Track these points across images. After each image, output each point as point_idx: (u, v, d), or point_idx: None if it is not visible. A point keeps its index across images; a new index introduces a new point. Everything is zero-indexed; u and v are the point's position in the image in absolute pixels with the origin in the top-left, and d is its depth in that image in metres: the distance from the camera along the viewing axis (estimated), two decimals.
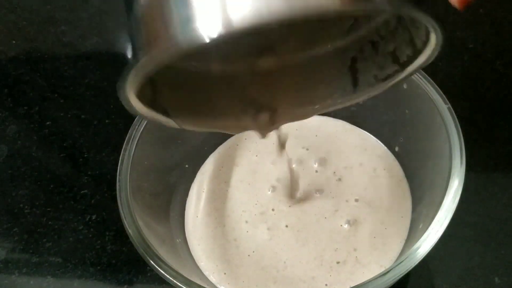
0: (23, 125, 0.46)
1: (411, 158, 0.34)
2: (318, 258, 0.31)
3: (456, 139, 0.27)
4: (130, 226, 0.27)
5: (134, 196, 0.29)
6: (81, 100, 0.47)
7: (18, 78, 0.51)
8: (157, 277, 0.35)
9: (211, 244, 0.33)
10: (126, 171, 0.29)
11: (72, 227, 0.38)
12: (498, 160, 0.38)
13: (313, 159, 0.36)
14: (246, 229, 0.33)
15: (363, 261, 0.31)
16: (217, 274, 0.32)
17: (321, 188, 0.34)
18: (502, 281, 0.32)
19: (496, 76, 0.43)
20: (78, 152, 0.43)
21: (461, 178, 0.26)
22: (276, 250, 0.32)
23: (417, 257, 0.24)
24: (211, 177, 0.37)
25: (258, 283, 0.31)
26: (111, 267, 0.36)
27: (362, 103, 0.36)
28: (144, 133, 0.31)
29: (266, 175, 0.36)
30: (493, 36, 0.47)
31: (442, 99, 0.29)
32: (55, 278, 0.36)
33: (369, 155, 0.35)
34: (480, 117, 0.41)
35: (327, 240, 0.32)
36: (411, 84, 0.31)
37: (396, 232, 0.31)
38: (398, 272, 0.23)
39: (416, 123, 0.32)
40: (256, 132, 0.27)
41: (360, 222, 0.32)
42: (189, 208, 0.35)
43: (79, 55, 0.52)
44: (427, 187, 0.30)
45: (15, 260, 0.37)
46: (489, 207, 0.35)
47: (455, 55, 0.45)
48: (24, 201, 0.41)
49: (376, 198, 0.33)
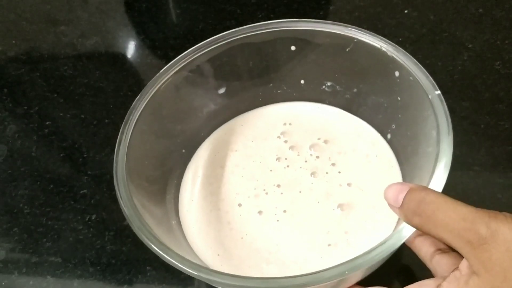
0: (23, 125, 0.46)
1: (402, 144, 0.34)
2: (310, 240, 0.32)
3: (444, 125, 0.27)
4: (126, 206, 0.27)
5: (130, 177, 0.29)
6: (81, 100, 0.47)
7: (18, 78, 0.51)
8: (157, 276, 0.35)
9: (205, 226, 0.33)
10: (123, 153, 0.30)
11: (71, 227, 0.38)
12: (498, 160, 0.38)
13: (308, 144, 0.37)
14: (240, 213, 0.34)
15: (354, 244, 0.31)
16: (211, 256, 0.32)
17: (315, 172, 0.35)
18: None
19: (495, 75, 0.43)
20: (77, 152, 0.43)
21: (447, 162, 0.26)
22: (269, 232, 0.32)
23: (401, 236, 0.24)
24: (207, 162, 0.37)
25: (251, 264, 0.31)
26: (111, 267, 0.36)
27: (356, 91, 0.36)
28: (141, 116, 0.32)
29: (261, 160, 0.36)
30: (492, 36, 0.47)
31: (432, 86, 0.29)
32: (54, 278, 0.36)
33: (362, 141, 0.36)
34: (480, 117, 0.41)
35: (319, 223, 0.32)
36: (402, 71, 0.31)
37: (386, 216, 0.32)
38: (381, 250, 0.24)
39: (407, 110, 0.33)
40: None
41: (352, 206, 0.33)
42: (184, 192, 0.36)
43: (79, 55, 0.52)
44: (417, 172, 0.30)
45: (15, 260, 0.37)
46: (489, 207, 0.35)
47: (455, 54, 0.46)
48: (23, 201, 0.41)
49: (368, 183, 0.34)
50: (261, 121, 0.39)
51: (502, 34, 0.47)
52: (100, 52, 0.52)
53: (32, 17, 0.57)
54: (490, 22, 0.48)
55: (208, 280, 0.25)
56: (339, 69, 0.36)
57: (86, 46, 0.53)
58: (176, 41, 0.52)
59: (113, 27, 0.55)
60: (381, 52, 0.32)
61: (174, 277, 0.35)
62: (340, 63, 0.36)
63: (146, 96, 0.33)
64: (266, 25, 0.35)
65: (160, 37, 0.53)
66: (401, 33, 0.48)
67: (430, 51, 0.46)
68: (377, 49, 0.32)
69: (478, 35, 0.47)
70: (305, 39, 0.35)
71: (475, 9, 0.50)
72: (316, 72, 0.38)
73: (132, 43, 0.53)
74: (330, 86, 0.38)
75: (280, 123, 0.38)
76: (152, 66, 0.50)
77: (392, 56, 0.32)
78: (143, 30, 0.54)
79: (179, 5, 0.57)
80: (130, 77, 0.49)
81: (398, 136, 0.35)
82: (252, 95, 0.39)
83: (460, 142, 0.39)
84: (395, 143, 0.35)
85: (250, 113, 0.40)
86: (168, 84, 0.34)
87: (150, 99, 0.33)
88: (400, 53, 0.31)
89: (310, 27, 0.35)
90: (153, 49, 0.52)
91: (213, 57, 0.36)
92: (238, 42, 0.35)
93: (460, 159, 0.38)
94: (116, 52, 0.52)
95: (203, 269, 0.25)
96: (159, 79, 0.33)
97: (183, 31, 0.54)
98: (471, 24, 0.48)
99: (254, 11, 0.53)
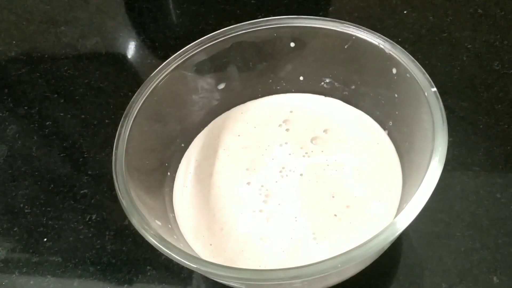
0: (23, 125, 0.46)
1: (399, 140, 0.34)
2: (306, 227, 0.31)
3: (440, 122, 0.27)
4: (124, 197, 0.28)
5: (129, 170, 0.29)
6: (81, 100, 0.47)
7: (18, 78, 0.51)
8: (157, 276, 0.35)
9: (198, 216, 0.33)
10: (123, 146, 0.30)
11: (72, 226, 0.38)
12: (497, 160, 0.38)
13: (309, 133, 0.36)
14: (232, 201, 0.33)
15: (351, 232, 0.31)
16: (202, 247, 0.32)
17: (314, 161, 0.35)
18: (501, 281, 0.32)
19: (495, 76, 0.44)
20: (78, 152, 0.43)
21: (441, 159, 0.26)
22: (262, 221, 0.32)
23: (396, 228, 0.24)
24: (202, 149, 0.37)
25: (245, 255, 0.31)
26: (111, 267, 0.36)
27: (354, 88, 0.37)
28: (141, 110, 0.32)
29: (259, 147, 0.36)
30: (492, 36, 0.47)
31: (429, 83, 0.29)
32: (55, 277, 0.36)
33: (362, 130, 0.36)
34: (479, 117, 0.41)
35: (316, 210, 0.32)
36: (400, 68, 0.31)
37: (386, 205, 0.32)
38: (373, 244, 0.24)
39: (404, 107, 0.33)
40: None
41: (351, 193, 0.33)
42: (177, 184, 0.36)
43: (79, 55, 0.52)
44: (414, 168, 0.30)
45: (15, 260, 0.37)
46: (488, 207, 0.35)
47: (454, 55, 0.46)
48: (24, 201, 0.41)
49: (368, 170, 0.34)
50: (261, 110, 0.39)
51: (501, 35, 0.47)
52: (100, 53, 0.52)
53: (32, 17, 0.57)
54: (489, 22, 0.48)
55: (204, 272, 0.25)
56: (338, 65, 0.37)
57: (87, 46, 0.53)
58: (176, 42, 0.52)
59: (114, 28, 0.55)
60: (379, 49, 0.32)
61: (174, 276, 0.35)
62: (339, 60, 0.36)
63: (146, 90, 0.33)
64: (265, 21, 0.35)
65: (160, 38, 0.53)
66: (400, 34, 0.48)
67: (429, 52, 0.46)
68: (375, 46, 0.33)
69: (477, 35, 0.47)
70: (305, 35, 0.36)
71: (474, 10, 0.50)
72: (315, 69, 0.38)
73: (132, 43, 0.53)
74: (329, 82, 0.38)
75: (282, 111, 0.38)
76: (153, 67, 0.49)
77: (390, 54, 0.32)
78: (143, 31, 0.54)
79: (179, 5, 0.57)
80: (130, 78, 0.50)
81: (395, 132, 0.35)
82: (252, 91, 0.39)
83: (459, 142, 0.39)
84: (392, 140, 0.35)
85: (251, 103, 0.40)
86: (167, 79, 0.34)
87: (149, 93, 0.33)
88: (398, 51, 0.32)
89: (309, 24, 0.35)
90: (154, 50, 0.52)
91: (212, 53, 0.36)
92: (238, 39, 0.36)
93: (459, 159, 0.38)
94: (116, 52, 0.52)
95: (200, 261, 0.25)
96: (159, 74, 0.34)
97: (184, 31, 0.54)
98: (470, 25, 0.48)
99: (254, 11, 0.53)
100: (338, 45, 0.35)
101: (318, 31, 0.35)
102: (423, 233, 0.34)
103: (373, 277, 0.33)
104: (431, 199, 0.30)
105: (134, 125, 0.31)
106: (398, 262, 0.34)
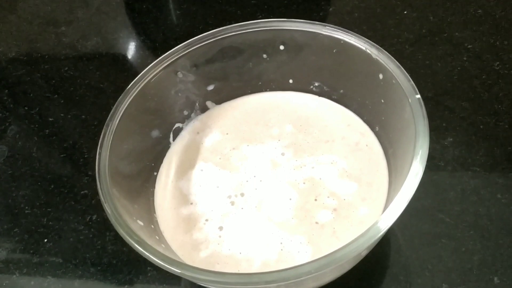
0: (24, 126, 0.46)
1: (385, 146, 0.35)
2: (295, 227, 0.31)
3: (422, 129, 0.27)
4: (107, 201, 0.28)
5: (112, 174, 0.30)
6: (82, 100, 0.47)
7: (18, 78, 0.51)
8: (158, 277, 0.35)
9: (178, 217, 0.33)
10: (107, 147, 0.30)
11: (72, 227, 0.38)
12: (497, 160, 0.38)
13: (297, 130, 0.37)
14: (214, 203, 0.33)
15: (339, 233, 0.31)
16: (182, 246, 0.31)
17: (303, 159, 0.35)
18: (502, 281, 0.32)
19: (495, 76, 0.44)
20: (78, 152, 0.43)
21: (422, 164, 0.26)
22: (245, 222, 0.32)
23: (378, 229, 0.24)
24: (183, 149, 0.37)
25: (228, 259, 0.31)
26: (112, 267, 0.36)
27: (343, 92, 0.37)
28: (127, 109, 0.32)
29: (246, 148, 0.36)
30: (492, 37, 0.47)
31: (413, 90, 0.29)
32: (55, 278, 0.36)
33: (352, 131, 0.36)
34: (479, 117, 0.41)
35: (305, 209, 0.32)
36: (386, 74, 0.31)
37: (373, 205, 0.32)
38: (355, 246, 0.24)
39: (389, 112, 0.33)
40: None
41: (340, 194, 0.32)
42: (158, 184, 0.35)
43: (79, 55, 0.52)
44: (398, 173, 0.31)
45: (16, 261, 0.37)
46: (488, 207, 0.35)
47: (454, 55, 0.46)
48: (24, 202, 0.41)
49: (357, 171, 0.34)
50: (249, 107, 0.39)
51: (501, 35, 0.47)
52: (100, 53, 0.52)
53: (33, 18, 0.58)
54: (490, 22, 0.48)
55: (187, 276, 0.25)
56: (326, 70, 0.37)
57: (87, 47, 0.53)
58: (176, 42, 0.51)
59: (114, 28, 0.55)
60: (366, 54, 0.32)
61: (174, 277, 0.35)
62: (328, 64, 0.36)
63: (134, 90, 0.33)
64: (255, 24, 0.35)
65: (160, 38, 0.53)
66: (401, 34, 0.48)
67: (429, 52, 0.46)
68: (362, 51, 0.33)
69: (478, 35, 0.47)
70: (294, 39, 0.36)
71: (474, 10, 0.50)
72: (304, 72, 0.38)
73: (132, 44, 0.53)
74: (318, 86, 0.38)
75: (268, 109, 0.38)
76: None
77: (377, 59, 0.32)
78: (143, 31, 0.54)
79: (179, 6, 0.57)
80: (130, 78, 0.49)
81: (381, 138, 0.35)
82: (241, 92, 0.39)
83: (460, 143, 0.39)
84: (381, 141, 0.35)
85: (240, 99, 0.40)
86: (156, 78, 0.34)
87: (137, 93, 0.33)
88: (384, 56, 0.32)
89: (299, 28, 0.35)
90: (154, 50, 0.52)
91: (202, 54, 0.36)
92: (228, 41, 0.36)
93: (460, 159, 0.38)
94: (116, 53, 0.52)
95: (174, 263, 0.25)
96: (147, 74, 0.34)
97: (184, 32, 0.54)
98: (471, 25, 0.48)
99: (254, 12, 0.53)
100: (326, 49, 0.35)
101: (308, 35, 0.35)
102: (424, 233, 0.34)
103: (373, 277, 0.33)
104: (431, 199, 0.31)
105: (120, 125, 0.31)
106: (398, 262, 0.34)
